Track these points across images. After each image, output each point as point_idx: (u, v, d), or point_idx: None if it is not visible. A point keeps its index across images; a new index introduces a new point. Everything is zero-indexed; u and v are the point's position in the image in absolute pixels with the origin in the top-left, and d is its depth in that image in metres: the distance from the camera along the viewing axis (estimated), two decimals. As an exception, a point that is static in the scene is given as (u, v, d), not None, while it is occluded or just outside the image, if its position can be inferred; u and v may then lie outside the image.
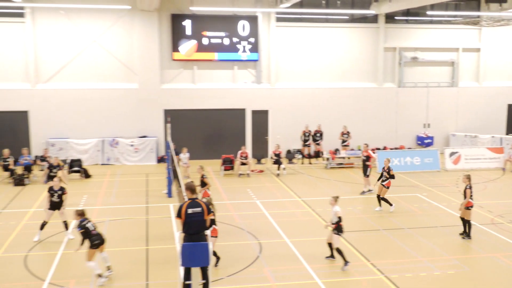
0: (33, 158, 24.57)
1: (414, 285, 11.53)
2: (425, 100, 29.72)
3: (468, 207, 14.45)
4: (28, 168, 22.79)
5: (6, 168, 23.16)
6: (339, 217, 12.43)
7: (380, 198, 17.67)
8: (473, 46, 30.11)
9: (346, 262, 12.17)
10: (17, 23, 25.92)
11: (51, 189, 14.76)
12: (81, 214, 11.89)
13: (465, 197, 14.52)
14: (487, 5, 27.95)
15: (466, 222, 14.63)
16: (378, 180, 17.90)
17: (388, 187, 17.62)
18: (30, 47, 25.97)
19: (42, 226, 14.72)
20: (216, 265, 12.45)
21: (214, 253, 12.42)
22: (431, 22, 29.54)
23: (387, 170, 17.73)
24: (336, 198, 12.60)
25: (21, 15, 25.81)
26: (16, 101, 26.14)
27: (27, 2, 24.76)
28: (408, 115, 29.60)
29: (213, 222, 12.24)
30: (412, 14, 29.40)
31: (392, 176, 17.68)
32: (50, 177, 19.11)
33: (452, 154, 25.29)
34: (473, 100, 30.18)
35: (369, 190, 20.18)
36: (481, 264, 12.86)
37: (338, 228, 12.37)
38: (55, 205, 14.66)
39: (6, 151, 23.42)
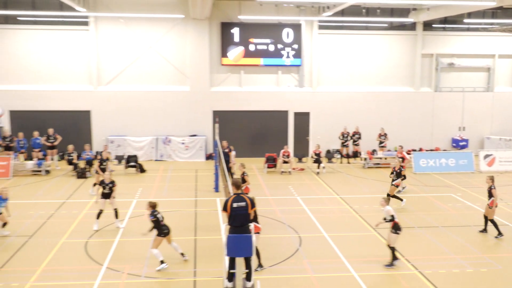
0: (94, 153, 24.93)
1: (447, 281, 11.55)
2: (461, 104, 29.63)
3: (491, 206, 14.56)
4: (89, 163, 23.21)
5: (70, 162, 23.88)
6: (392, 216, 12.28)
7: (389, 197, 17.55)
8: (509, 52, 29.78)
9: (392, 262, 12.12)
10: (82, 31, 26.78)
11: (102, 182, 15.62)
12: (153, 206, 12.58)
13: (490, 196, 14.61)
14: (524, 13, 27.77)
15: (489, 220, 14.72)
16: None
17: (397, 186, 17.91)
18: (93, 53, 26.84)
19: (98, 215, 15.38)
20: (257, 268, 11.98)
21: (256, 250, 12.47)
22: (468, 29, 29.37)
23: (398, 171, 17.94)
24: (386, 199, 12.61)
25: (85, 23, 26.67)
26: (80, 101, 27.03)
27: (91, 12, 25.63)
28: (444, 119, 29.55)
29: (255, 219, 12.10)
30: (450, 22, 29.26)
31: (402, 176, 17.90)
32: (101, 170, 19.88)
33: (486, 156, 25.24)
34: (508, 105, 29.91)
35: (403, 187, 20.30)
36: None
37: (395, 227, 12.18)
38: (106, 196, 15.49)
39: (70, 147, 24.07)
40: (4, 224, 14.96)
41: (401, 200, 17.97)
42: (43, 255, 13.35)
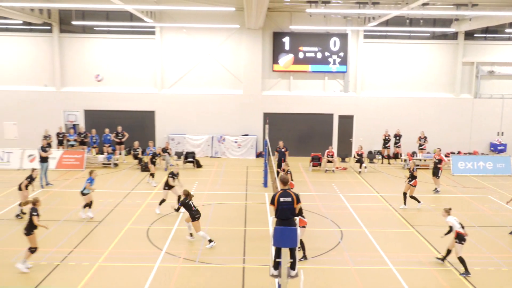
0: (157, 149, 24.69)
1: (483, 278, 11.28)
2: (500, 110, 28.53)
3: None
4: (153, 158, 23.52)
5: (135, 157, 24.45)
6: (450, 227, 11.78)
7: (406, 196, 17.31)
8: (548, 60, 28.41)
9: (466, 272, 11.41)
10: (148, 39, 27.38)
11: (172, 174, 16.16)
12: (186, 194, 13.15)
13: None
14: None
15: None
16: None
17: (415, 186, 17.27)
18: (158, 59, 27.38)
19: (161, 202, 16.15)
20: (301, 259, 12.08)
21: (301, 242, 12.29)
22: (508, 38, 28.23)
23: (412, 171, 17.35)
24: (447, 210, 12.09)
25: (152, 33, 27.27)
26: (145, 103, 27.61)
27: (157, 22, 26.13)
28: (483, 124, 28.51)
29: (300, 213, 11.99)
30: (491, 32, 28.23)
31: (415, 177, 17.23)
32: (152, 163, 20.69)
33: (524, 160, 24.30)
34: (546, 111, 28.56)
35: (436, 190, 19.85)
36: None
37: (459, 237, 11.56)
38: (170, 186, 16.18)
39: (136, 143, 24.58)
40: (90, 204, 15.72)
41: (419, 202, 17.40)
42: (110, 239, 13.78)
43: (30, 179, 15.77)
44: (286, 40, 27.39)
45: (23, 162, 23.98)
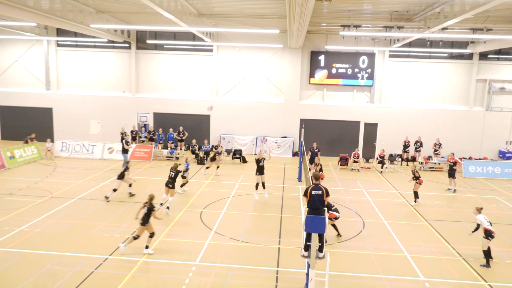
0: (210, 147, 25.43)
1: (488, 270, 10.95)
2: (509, 122, 27.22)
3: None
4: (207, 153, 23.95)
5: (193, 152, 24.85)
6: (478, 224, 11.33)
7: (416, 194, 16.84)
8: (556, 79, 26.88)
9: (487, 264, 11.07)
10: (207, 56, 27.78)
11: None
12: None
13: None
14: None
15: None
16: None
17: (420, 183, 16.75)
18: (214, 72, 27.73)
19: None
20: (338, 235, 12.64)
21: (335, 228, 12.71)
22: (519, 59, 26.98)
23: (414, 172, 16.89)
24: (478, 209, 11.57)
25: (210, 50, 27.68)
26: (203, 108, 27.81)
27: (215, 42, 26.46)
28: (493, 134, 27.31)
29: (329, 207, 12.13)
30: (503, 53, 26.99)
31: (417, 177, 16.74)
32: (212, 159, 20.97)
33: (530, 167, 23.18)
34: (552, 124, 27.03)
35: (454, 190, 19.32)
36: None
37: (486, 233, 11.11)
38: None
39: (194, 141, 25.08)
40: (184, 184, 17.30)
41: (416, 198, 16.87)
42: (170, 219, 14.06)
43: (126, 169, 16.39)
44: (322, 57, 27.19)
45: (103, 153, 24.80)
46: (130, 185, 16.58)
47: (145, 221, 11.24)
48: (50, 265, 10.33)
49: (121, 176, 15.99)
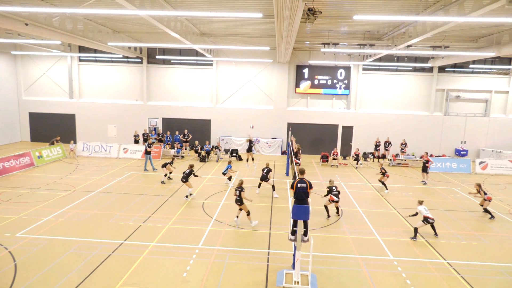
0: (211, 147, 25.54)
1: (446, 248, 11.05)
2: (464, 125, 27.48)
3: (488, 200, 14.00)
4: (208, 152, 23.92)
5: (196, 152, 24.93)
6: (416, 212, 11.90)
7: (382, 183, 17.42)
8: (503, 89, 27.15)
9: (414, 236, 11.51)
10: (208, 69, 27.60)
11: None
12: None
13: (484, 193, 14.12)
14: (516, 61, 25.33)
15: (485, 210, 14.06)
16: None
17: (387, 177, 17.39)
18: (214, 83, 27.53)
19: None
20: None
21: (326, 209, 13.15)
22: (472, 72, 27.09)
23: (381, 169, 17.53)
24: (420, 202, 11.98)
25: (210, 64, 27.51)
26: (204, 113, 27.82)
27: (215, 57, 26.39)
28: (450, 135, 27.52)
29: (331, 190, 13.12)
30: (458, 66, 27.19)
31: (383, 173, 17.40)
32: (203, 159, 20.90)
33: (481, 162, 23.29)
34: (500, 127, 27.25)
35: (425, 183, 19.38)
36: (497, 240, 11.94)
37: (424, 218, 11.69)
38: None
39: (196, 142, 25.16)
40: (230, 178, 17.61)
41: (386, 189, 17.41)
42: (177, 208, 13.96)
43: (171, 162, 17.81)
44: (306, 70, 27.15)
45: (119, 153, 24.60)
46: (170, 173, 17.66)
47: (240, 202, 12.05)
48: (73, 249, 10.22)
49: (164, 165, 17.56)
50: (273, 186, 16.00)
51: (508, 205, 16.01)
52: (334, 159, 24.01)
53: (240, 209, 12.30)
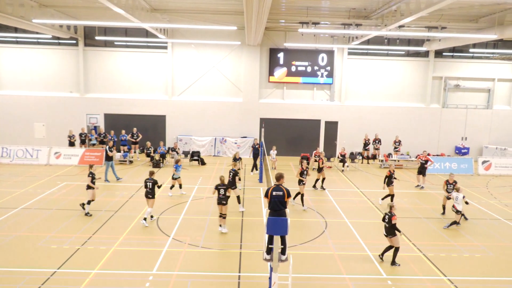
0: (166, 149, 25.30)
1: (446, 263, 11.33)
2: (464, 119, 28.64)
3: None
4: (163, 156, 23.80)
5: (148, 155, 24.34)
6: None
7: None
8: (506, 77, 28.54)
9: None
10: (161, 53, 27.31)
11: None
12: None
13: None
14: (521, 44, 26.72)
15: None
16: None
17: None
18: (169, 70, 27.30)
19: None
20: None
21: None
22: (472, 57, 28.37)
23: (391, 173, 16.98)
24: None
25: (164, 47, 27.22)
26: (158, 108, 27.58)
27: (169, 39, 26.08)
28: (449, 130, 28.63)
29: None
30: (457, 51, 28.37)
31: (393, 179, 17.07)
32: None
33: (484, 162, 24.34)
34: (504, 120, 28.68)
35: (422, 187, 19.96)
36: (503, 251, 12.29)
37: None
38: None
39: (148, 143, 24.52)
40: (180, 186, 17.62)
41: (382, 200, 17.20)
42: (124, 226, 13.73)
43: (92, 176, 14.80)
44: (281, 55, 27.39)
45: (49, 159, 23.85)
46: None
47: (225, 200, 13.02)
48: (-10, 282, 9.77)
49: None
50: (238, 197, 15.84)
51: (515, 211, 16.74)
52: (316, 161, 24.17)
53: (223, 216, 12.99)
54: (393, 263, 11.26)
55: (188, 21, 22.65)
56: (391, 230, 11.21)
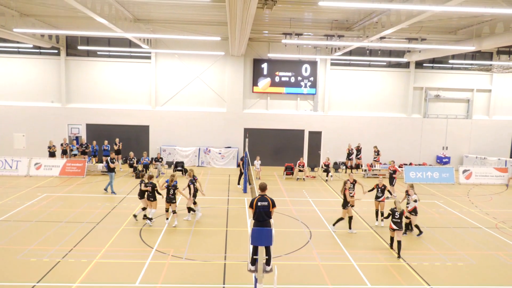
0: (150, 159, 25.18)
1: (430, 272, 11.37)
2: (445, 128, 29.22)
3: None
4: (146, 166, 23.53)
5: (131, 166, 24.17)
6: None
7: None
8: (485, 87, 29.32)
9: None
10: (145, 63, 27.28)
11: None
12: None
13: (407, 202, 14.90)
14: (498, 56, 27.46)
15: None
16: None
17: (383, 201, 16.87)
18: (153, 81, 27.23)
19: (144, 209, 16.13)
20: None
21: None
22: (451, 68, 29.03)
23: (382, 187, 16.55)
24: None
25: (148, 57, 27.19)
26: (141, 118, 27.44)
27: (153, 49, 26.10)
28: (430, 140, 29.14)
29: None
30: (437, 62, 28.98)
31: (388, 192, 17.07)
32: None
33: (465, 171, 24.74)
34: (483, 130, 29.39)
35: (394, 196, 20.14)
36: (485, 259, 12.45)
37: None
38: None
39: (131, 154, 24.31)
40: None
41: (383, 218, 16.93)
42: (106, 238, 13.46)
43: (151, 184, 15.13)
44: (265, 66, 27.60)
45: (29, 170, 23.39)
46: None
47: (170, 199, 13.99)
48: (-34, 298, 9.44)
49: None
50: (188, 208, 15.56)
51: (495, 219, 16.97)
52: (300, 171, 24.40)
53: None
54: (399, 256, 12.19)
55: (172, 31, 22.67)
56: (400, 224, 12.36)
